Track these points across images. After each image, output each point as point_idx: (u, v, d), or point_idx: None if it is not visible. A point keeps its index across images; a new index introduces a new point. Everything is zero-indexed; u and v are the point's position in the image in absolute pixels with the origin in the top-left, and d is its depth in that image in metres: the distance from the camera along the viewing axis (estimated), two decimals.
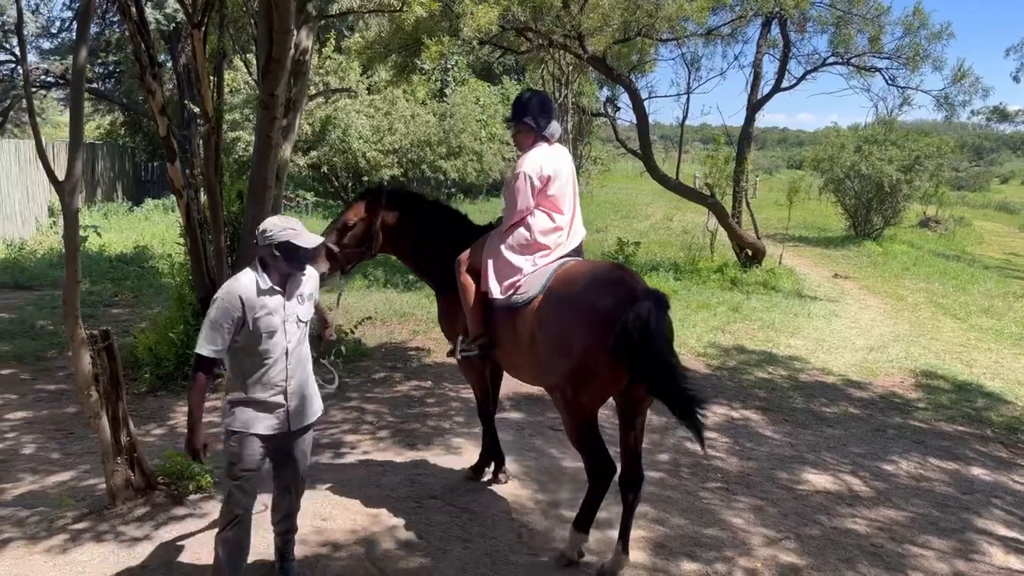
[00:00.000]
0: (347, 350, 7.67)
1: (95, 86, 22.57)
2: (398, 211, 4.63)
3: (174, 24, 19.34)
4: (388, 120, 19.84)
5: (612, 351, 3.51)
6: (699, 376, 7.63)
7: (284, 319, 3.38)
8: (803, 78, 15.07)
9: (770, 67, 18.05)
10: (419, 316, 9.64)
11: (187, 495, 4.63)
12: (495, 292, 4.14)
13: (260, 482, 3.52)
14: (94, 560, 3.96)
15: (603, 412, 4.27)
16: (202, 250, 6.61)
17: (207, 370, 3.31)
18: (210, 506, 4.49)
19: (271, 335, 3.34)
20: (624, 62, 14.04)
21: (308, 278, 3.53)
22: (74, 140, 3.95)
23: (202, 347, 3.27)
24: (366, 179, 19.84)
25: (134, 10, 4.69)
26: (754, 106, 14.69)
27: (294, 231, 3.31)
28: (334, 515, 4.48)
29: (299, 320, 3.45)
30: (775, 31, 14.58)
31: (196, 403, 3.34)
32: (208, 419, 3.91)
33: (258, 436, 3.39)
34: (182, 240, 7.05)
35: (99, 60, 22.10)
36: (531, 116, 4.23)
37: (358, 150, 18.97)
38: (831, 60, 14.92)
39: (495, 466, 5.00)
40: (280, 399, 3.42)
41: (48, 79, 21.74)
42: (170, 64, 20.92)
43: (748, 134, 14.85)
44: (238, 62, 14.72)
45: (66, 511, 4.44)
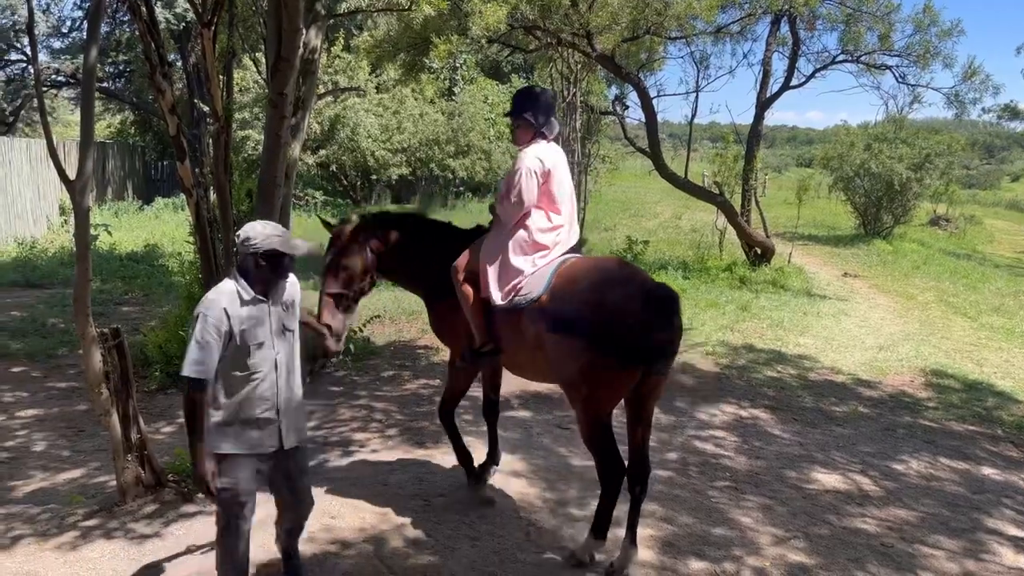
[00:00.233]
0: (356, 348, 7.70)
1: (106, 85, 22.69)
2: (385, 231, 4.46)
3: (184, 23, 19.45)
4: (397, 119, 19.91)
5: (623, 348, 3.51)
6: (709, 375, 7.62)
7: (271, 330, 3.20)
8: (813, 76, 15.05)
9: (779, 65, 17.96)
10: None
11: (196, 493, 4.62)
12: (497, 299, 4.02)
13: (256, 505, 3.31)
14: (104, 557, 3.99)
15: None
16: (212, 249, 6.62)
17: (201, 391, 3.05)
18: None
19: (259, 347, 3.15)
20: (633, 60, 14.00)
21: (291, 285, 3.32)
22: (85, 139, 3.98)
23: (189, 368, 3.01)
24: (375, 177, 19.87)
25: (144, 9, 4.69)
26: (763, 104, 14.65)
27: (280, 238, 3.12)
28: (343, 513, 4.49)
29: (286, 329, 3.27)
30: (784, 29, 14.57)
31: (194, 427, 3.07)
32: None
33: (251, 457, 3.19)
34: (192, 239, 7.08)
35: (109, 59, 22.26)
36: (531, 112, 4.17)
37: (367, 149, 19.04)
38: (841, 58, 14.89)
39: (466, 472, 4.81)
40: (272, 415, 3.22)
41: (59, 78, 21.91)
42: (180, 63, 21.01)
43: (757, 132, 14.80)
44: (247, 61, 14.78)
45: (76, 508, 4.48)
